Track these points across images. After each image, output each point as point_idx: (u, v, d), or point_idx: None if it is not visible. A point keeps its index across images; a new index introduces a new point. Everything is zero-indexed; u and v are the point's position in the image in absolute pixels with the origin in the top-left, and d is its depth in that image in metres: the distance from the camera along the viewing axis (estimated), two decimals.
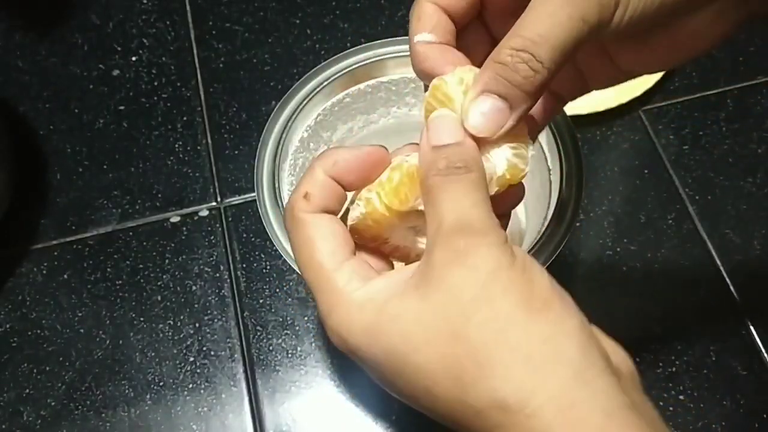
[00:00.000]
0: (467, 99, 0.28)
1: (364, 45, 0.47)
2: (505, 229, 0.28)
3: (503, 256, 0.25)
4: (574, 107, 0.58)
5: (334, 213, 0.29)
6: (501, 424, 0.23)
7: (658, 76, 0.62)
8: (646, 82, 0.61)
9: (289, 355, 0.54)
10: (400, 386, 0.26)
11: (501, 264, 0.25)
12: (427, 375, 0.25)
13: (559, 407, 0.23)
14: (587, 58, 0.32)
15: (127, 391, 0.53)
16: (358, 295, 0.26)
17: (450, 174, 0.26)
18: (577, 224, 0.40)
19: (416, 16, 0.30)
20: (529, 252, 0.40)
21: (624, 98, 0.61)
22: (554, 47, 0.26)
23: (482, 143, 0.28)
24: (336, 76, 0.46)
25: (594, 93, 0.62)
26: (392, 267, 0.31)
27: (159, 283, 0.57)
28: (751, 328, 0.54)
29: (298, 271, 0.29)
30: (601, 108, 0.60)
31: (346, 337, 0.26)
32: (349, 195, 0.30)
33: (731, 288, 0.55)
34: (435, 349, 0.24)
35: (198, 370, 0.54)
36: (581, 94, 0.34)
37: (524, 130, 0.29)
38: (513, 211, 0.34)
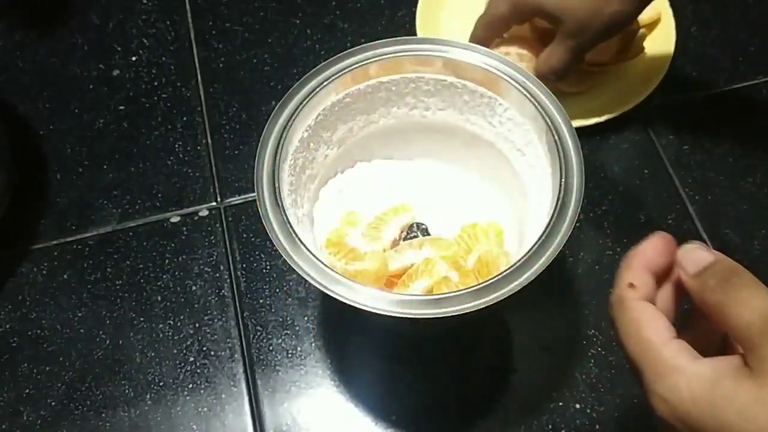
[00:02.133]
0: None
1: (364, 45, 0.47)
2: None
3: None
4: (576, 120, 0.58)
5: (653, 302, 0.32)
6: None
7: (656, 82, 0.62)
8: (646, 89, 0.61)
9: (289, 355, 0.54)
10: None
11: None
12: None
13: None
14: None
15: (127, 391, 0.53)
16: (688, 368, 0.28)
17: (723, 287, 0.29)
18: (577, 224, 0.40)
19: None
20: (529, 251, 0.40)
21: (624, 107, 0.60)
22: (563, 73, 0.32)
23: None
24: (336, 76, 0.46)
25: (595, 103, 0.63)
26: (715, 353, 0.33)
27: (159, 283, 0.57)
28: None
29: (625, 351, 0.31)
30: (603, 118, 0.60)
31: (676, 404, 0.28)
32: None
33: None
34: None
35: (198, 370, 0.54)
36: None
37: None
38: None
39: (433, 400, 0.52)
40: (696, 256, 0.31)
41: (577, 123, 0.59)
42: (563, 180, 0.42)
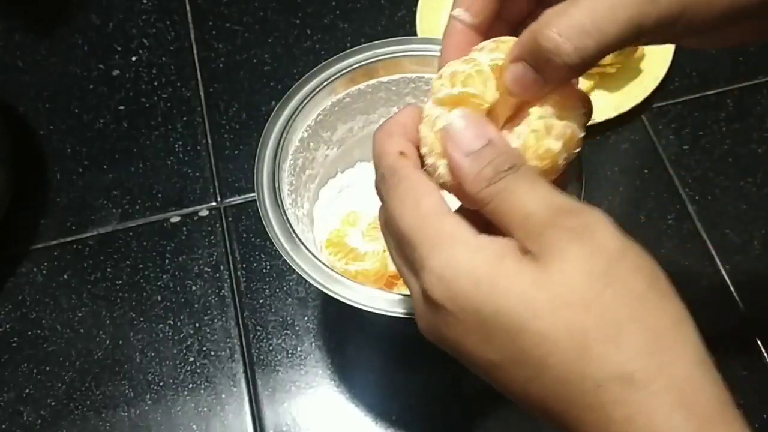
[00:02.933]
0: (507, 60, 0.28)
1: (364, 45, 0.47)
2: None
3: (624, 238, 0.25)
4: None
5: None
6: (621, 399, 0.23)
7: (656, 82, 0.62)
8: (644, 89, 0.61)
9: (289, 355, 0.54)
10: (502, 349, 0.25)
11: (626, 245, 0.25)
12: (546, 342, 0.24)
13: (682, 390, 0.23)
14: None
15: (127, 391, 0.53)
16: (471, 241, 0.25)
17: (502, 178, 0.26)
18: None
19: None
20: None
21: (624, 107, 0.60)
22: (601, 43, 0.25)
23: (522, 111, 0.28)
24: (336, 76, 0.46)
25: (595, 104, 0.62)
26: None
27: (159, 283, 0.57)
28: (751, 327, 0.54)
29: (399, 226, 0.27)
30: (601, 119, 0.60)
31: (451, 279, 0.25)
32: None
33: (731, 288, 0.55)
34: (561, 318, 0.24)
35: (198, 370, 0.54)
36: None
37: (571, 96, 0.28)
38: None
39: (433, 400, 0.52)
40: (471, 128, 0.27)
41: None
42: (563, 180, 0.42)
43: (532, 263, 0.24)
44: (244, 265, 0.58)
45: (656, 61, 0.63)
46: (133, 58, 0.67)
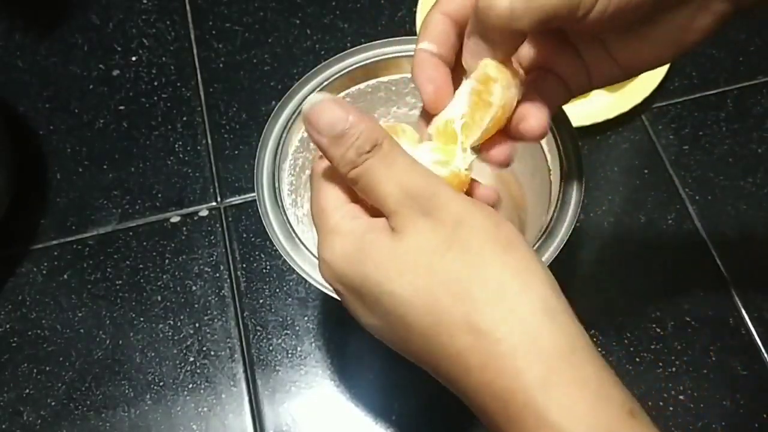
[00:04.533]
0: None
1: (364, 45, 0.47)
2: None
3: (465, 205, 0.27)
4: (576, 120, 0.58)
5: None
6: (471, 346, 0.25)
7: (656, 82, 0.62)
8: (644, 89, 0.61)
9: (289, 355, 0.54)
10: (378, 313, 0.28)
11: (466, 210, 0.27)
12: (401, 302, 0.27)
13: (526, 335, 0.25)
14: (589, 54, 0.33)
15: (127, 391, 0.53)
16: (344, 227, 0.29)
17: (366, 160, 0.28)
18: (577, 224, 0.40)
19: (425, 24, 0.32)
20: None
21: (624, 108, 0.60)
22: (531, 7, 0.28)
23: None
24: (336, 76, 0.46)
25: (594, 104, 0.62)
26: None
27: (159, 283, 0.57)
28: (751, 327, 0.54)
29: (314, 223, 0.31)
30: (600, 119, 0.60)
31: (329, 262, 0.29)
32: None
33: (731, 288, 0.55)
34: (409, 280, 0.26)
35: (198, 370, 0.54)
36: (587, 90, 0.35)
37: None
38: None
39: (433, 400, 0.52)
40: (329, 112, 0.28)
41: (577, 123, 0.59)
42: (563, 180, 0.42)
43: (390, 235, 0.28)
44: (244, 265, 0.58)
45: None
46: (133, 58, 0.67)
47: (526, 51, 0.34)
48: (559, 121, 0.43)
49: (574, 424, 0.24)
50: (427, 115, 0.33)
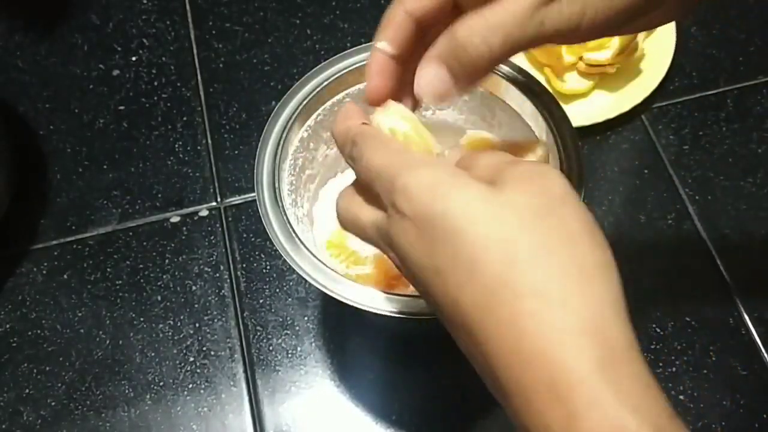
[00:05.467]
0: (420, 66, 0.31)
1: (364, 45, 0.47)
2: None
3: (571, 189, 0.28)
4: (576, 120, 0.58)
5: None
6: (535, 312, 0.24)
7: (656, 82, 0.61)
8: (644, 89, 0.61)
9: (289, 355, 0.54)
10: (441, 252, 0.27)
11: (570, 193, 0.27)
12: (479, 246, 0.26)
13: (595, 318, 0.25)
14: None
15: (127, 391, 0.53)
16: (435, 163, 0.29)
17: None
18: None
19: (386, 20, 0.33)
20: None
21: (624, 108, 0.60)
22: (506, 40, 0.29)
23: None
24: (336, 76, 0.46)
25: (594, 104, 0.62)
26: None
27: (159, 283, 0.57)
28: (751, 327, 0.54)
29: (371, 165, 0.30)
30: (600, 119, 0.60)
31: (412, 189, 0.27)
32: None
33: (731, 288, 0.55)
34: (497, 228, 0.26)
35: (198, 370, 0.54)
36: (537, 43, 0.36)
37: None
38: None
39: (433, 400, 0.52)
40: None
41: (577, 123, 0.59)
42: None
43: (485, 184, 0.27)
44: (244, 265, 0.58)
45: (656, 61, 0.63)
46: (133, 58, 0.67)
47: None
48: (559, 121, 0.43)
49: (627, 411, 0.23)
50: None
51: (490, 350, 0.25)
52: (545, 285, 0.25)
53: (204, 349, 0.55)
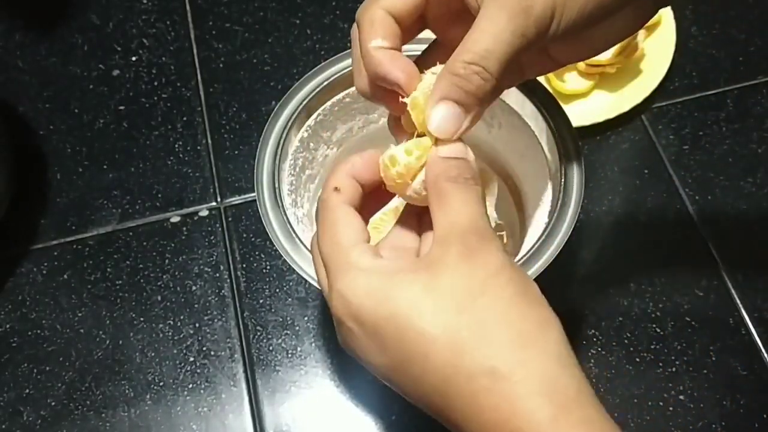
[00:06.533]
0: (428, 106, 0.31)
1: None
2: None
3: (506, 258, 0.29)
4: (576, 120, 0.58)
5: (356, 207, 0.33)
6: (489, 388, 0.27)
7: (656, 82, 0.61)
8: (644, 89, 0.61)
9: (289, 355, 0.54)
10: (394, 351, 0.28)
11: (504, 264, 0.29)
12: (428, 339, 0.28)
13: (542, 379, 0.27)
14: (526, 54, 0.35)
15: (127, 391, 0.53)
16: (365, 263, 0.30)
17: (461, 183, 0.30)
18: (577, 224, 0.40)
19: (369, 21, 0.33)
20: (529, 251, 0.40)
21: (624, 108, 0.60)
22: (500, 60, 0.30)
23: None
24: (336, 76, 0.46)
25: (594, 104, 0.62)
26: None
27: (159, 283, 0.57)
28: (751, 327, 0.54)
29: (321, 251, 0.32)
30: (600, 119, 0.60)
31: (350, 298, 0.29)
32: None
33: (731, 288, 0.55)
34: (440, 318, 0.28)
35: (198, 370, 0.54)
36: (518, 82, 0.38)
37: None
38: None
39: None
40: (456, 143, 0.32)
41: (577, 123, 0.59)
42: (563, 180, 0.42)
43: (427, 273, 0.29)
44: (244, 265, 0.58)
45: (656, 61, 0.63)
46: (133, 58, 0.67)
47: None
48: (559, 121, 0.43)
49: None
50: (396, 124, 0.35)
51: (460, 427, 0.28)
52: (492, 361, 0.27)
53: (204, 349, 0.55)
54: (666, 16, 0.65)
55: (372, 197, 0.35)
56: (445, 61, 0.31)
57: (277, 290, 0.57)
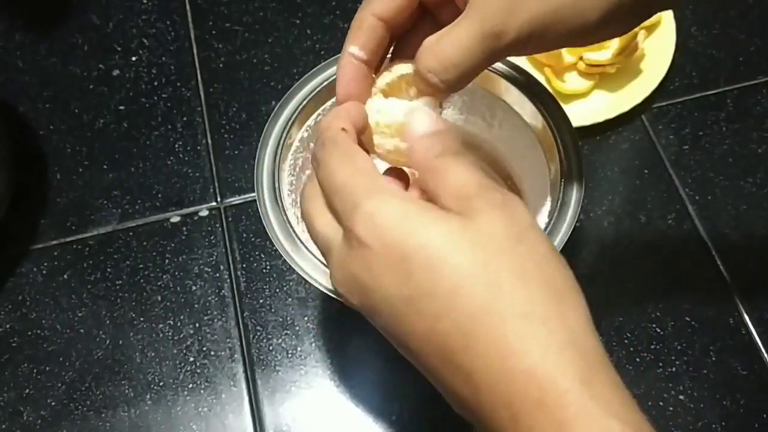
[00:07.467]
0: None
1: None
2: None
3: (533, 218, 0.29)
4: (576, 120, 0.58)
5: None
6: (521, 332, 0.26)
7: (656, 82, 0.61)
8: (644, 89, 0.61)
9: (289, 355, 0.54)
10: (418, 282, 0.27)
11: (534, 222, 0.29)
12: (463, 273, 0.27)
13: (573, 334, 0.27)
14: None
15: (127, 391, 0.53)
16: (402, 193, 0.30)
17: (450, 156, 0.30)
18: (577, 224, 0.40)
19: (356, 25, 0.34)
20: None
21: (624, 108, 0.60)
22: (463, 73, 0.32)
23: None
24: (336, 76, 0.46)
25: (594, 104, 0.62)
26: None
27: (159, 283, 0.57)
28: (751, 327, 0.54)
29: (333, 180, 0.31)
30: (600, 119, 0.60)
31: (382, 220, 0.28)
32: None
33: (731, 288, 0.55)
34: (480, 255, 0.27)
35: (198, 370, 0.54)
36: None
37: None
38: None
39: (433, 401, 0.52)
40: (428, 119, 0.32)
41: (577, 123, 0.59)
42: (563, 180, 0.42)
43: (456, 216, 0.28)
44: (244, 265, 0.58)
45: (656, 61, 0.63)
46: (133, 58, 0.67)
47: None
48: (559, 121, 0.43)
49: (610, 417, 0.25)
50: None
51: (475, 372, 0.27)
52: (528, 307, 0.26)
53: (204, 349, 0.55)
54: (666, 16, 0.65)
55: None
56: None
57: (277, 290, 0.57)
